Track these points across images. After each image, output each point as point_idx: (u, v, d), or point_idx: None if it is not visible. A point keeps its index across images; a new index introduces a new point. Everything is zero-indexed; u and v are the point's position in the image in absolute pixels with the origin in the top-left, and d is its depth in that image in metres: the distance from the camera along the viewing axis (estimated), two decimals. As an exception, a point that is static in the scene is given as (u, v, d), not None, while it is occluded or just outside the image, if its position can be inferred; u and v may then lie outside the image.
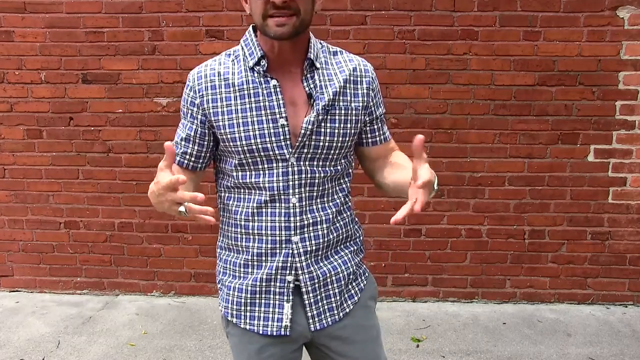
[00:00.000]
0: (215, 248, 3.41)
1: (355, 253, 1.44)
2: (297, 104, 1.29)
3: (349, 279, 1.41)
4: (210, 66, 1.31)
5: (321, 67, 1.31)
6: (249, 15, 1.25)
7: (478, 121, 3.23)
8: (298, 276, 1.34)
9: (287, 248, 1.32)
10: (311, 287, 1.35)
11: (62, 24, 3.24)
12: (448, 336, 3.00)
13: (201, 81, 1.30)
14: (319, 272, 1.35)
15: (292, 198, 1.30)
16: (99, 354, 2.80)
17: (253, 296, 1.35)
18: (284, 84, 1.29)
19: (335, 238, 1.37)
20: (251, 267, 1.35)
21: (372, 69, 1.39)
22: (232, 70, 1.30)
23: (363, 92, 1.35)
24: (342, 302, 1.39)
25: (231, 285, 1.38)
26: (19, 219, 3.50)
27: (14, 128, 3.38)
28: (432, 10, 3.12)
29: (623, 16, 3.08)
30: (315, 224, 1.33)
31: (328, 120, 1.30)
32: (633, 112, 3.18)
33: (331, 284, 1.37)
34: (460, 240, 3.36)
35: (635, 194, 3.26)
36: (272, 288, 1.34)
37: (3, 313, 3.29)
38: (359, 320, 1.42)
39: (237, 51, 1.33)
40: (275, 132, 1.27)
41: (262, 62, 1.27)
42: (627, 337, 2.99)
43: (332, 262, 1.38)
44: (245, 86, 1.28)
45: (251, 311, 1.36)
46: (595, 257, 3.35)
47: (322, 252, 1.35)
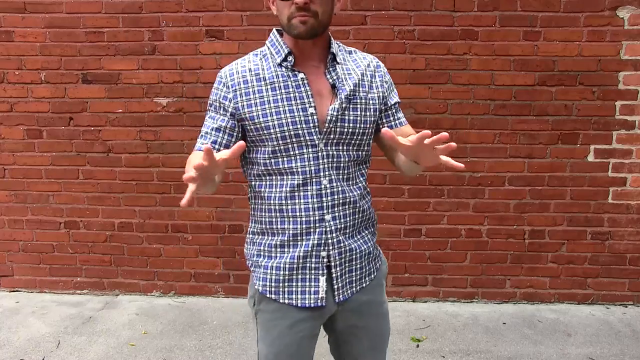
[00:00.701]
0: (214, 248, 3.40)
1: (372, 234, 1.59)
2: (323, 95, 1.43)
3: (369, 257, 1.55)
4: (241, 64, 1.46)
5: (342, 62, 1.47)
6: (277, 16, 1.41)
7: (478, 121, 3.23)
8: (329, 252, 1.46)
9: (321, 226, 1.44)
10: (339, 262, 1.47)
11: (62, 24, 3.24)
12: (448, 336, 3.00)
13: (233, 77, 1.44)
14: (347, 248, 1.48)
15: (324, 180, 1.43)
16: (99, 354, 2.80)
17: (291, 272, 1.46)
18: (309, 77, 1.43)
19: (359, 219, 1.51)
20: (287, 247, 1.46)
21: (382, 65, 1.57)
22: (262, 67, 1.44)
23: (377, 85, 1.50)
24: (362, 277, 1.53)
25: (268, 265, 1.48)
26: (19, 219, 3.50)
27: (14, 128, 3.39)
28: (432, 10, 3.12)
29: (623, 16, 3.08)
30: (344, 203, 1.46)
31: (350, 109, 1.44)
32: (633, 112, 3.18)
33: (355, 260, 1.51)
34: (460, 240, 3.36)
35: (635, 194, 3.26)
36: (308, 264, 1.46)
37: (3, 313, 3.29)
38: (374, 296, 1.56)
39: (263, 51, 1.49)
40: (305, 120, 1.40)
41: (289, 58, 1.42)
42: (627, 337, 2.99)
43: (357, 241, 1.52)
44: (275, 80, 1.42)
45: (289, 287, 1.47)
46: (595, 257, 3.35)
47: (349, 230, 1.49)
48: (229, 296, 3.50)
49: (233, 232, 3.42)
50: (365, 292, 1.54)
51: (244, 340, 2.96)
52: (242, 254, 3.44)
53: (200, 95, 3.26)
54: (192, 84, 3.25)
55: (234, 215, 3.39)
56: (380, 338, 1.60)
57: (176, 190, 3.39)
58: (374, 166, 3.33)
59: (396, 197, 3.32)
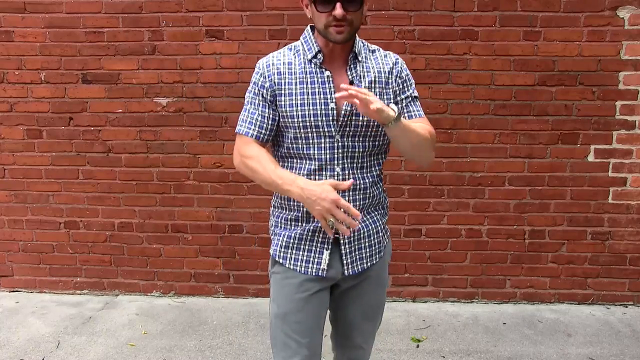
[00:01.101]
0: (214, 248, 3.41)
1: (382, 215, 1.74)
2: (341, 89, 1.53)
3: (378, 236, 1.70)
4: (277, 57, 1.63)
5: (362, 60, 1.62)
6: (310, 18, 1.57)
7: (478, 121, 3.23)
8: (338, 231, 1.57)
9: None
10: (348, 240, 1.64)
11: (62, 24, 3.24)
12: (448, 336, 3.00)
13: (270, 68, 1.60)
14: (355, 229, 1.61)
15: (337, 167, 1.59)
16: (99, 354, 2.80)
17: (299, 242, 1.64)
18: (333, 72, 1.59)
19: (369, 203, 1.66)
20: (300, 221, 1.64)
21: (402, 61, 1.71)
22: (294, 61, 1.61)
23: (392, 80, 1.65)
24: (372, 254, 1.69)
25: (282, 233, 1.68)
26: (19, 219, 3.50)
27: (14, 128, 3.38)
28: (432, 10, 3.12)
29: (623, 16, 3.08)
30: (355, 190, 1.60)
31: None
32: (633, 112, 3.18)
33: (364, 239, 1.67)
34: (460, 240, 3.36)
35: (635, 194, 3.26)
36: (315, 238, 1.63)
37: (3, 313, 3.29)
38: (379, 271, 1.74)
39: (297, 46, 1.64)
40: (325, 113, 1.56)
41: (318, 56, 1.59)
42: (627, 337, 2.99)
43: (366, 222, 1.67)
44: (304, 74, 1.58)
45: (296, 254, 1.65)
46: (595, 257, 3.35)
47: (360, 212, 1.61)
48: (229, 296, 3.50)
49: (233, 232, 3.42)
50: (372, 268, 1.70)
51: (244, 340, 2.96)
52: (242, 254, 3.44)
53: (200, 95, 3.26)
54: (192, 84, 3.25)
55: (234, 215, 3.39)
56: (375, 309, 1.77)
57: (176, 190, 3.39)
58: (374, 166, 3.32)
59: (396, 197, 3.32)
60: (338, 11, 1.46)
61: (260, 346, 2.89)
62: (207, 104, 3.27)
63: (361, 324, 1.75)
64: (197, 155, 3.34)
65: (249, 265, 3.45)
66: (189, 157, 3.35)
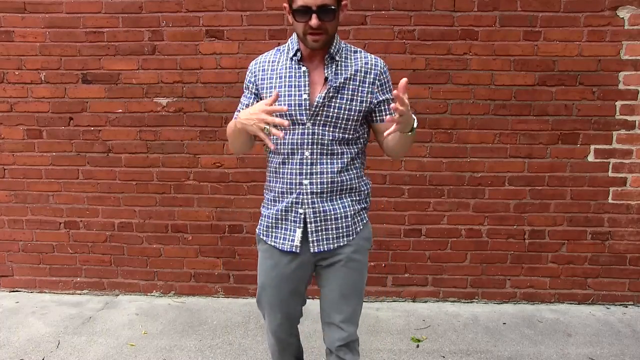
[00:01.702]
0: (214, 248, 3.41)
1: (357, 202, 1.87)
2: (318, 84, 1.78)
3: (346, 220, 1.84)
4: (265, 57, 1.87)
5: (340, 60, 1.79)
6: (292, 24, 1.74)
7: (478, 121, 3.23)
8: (305, 209, 1.80)
9: (299, 189, 1.81)
10: (313, 219, 1.81)
11: (62, 24, 3.24)
12: (448, 336, 3.00)
13: (256, 66, 1.86)
14: (320, 209, 1.80)
15: (306, 152, 1.78)
16: (99, 354, 2.80)
17: (276, 221, 1.86)
18: (311, 70, 1.79)
19: (339, 187, 1.82)
20: (277, 201, 1.86)
21: (382, 64, 1.84)
22: (278, 60, 1.83)
23: (370, 81, 1.80)
24: (339, 236, 1.84)
25: (264, 213, 1.91)
26: (19, 219, 3.50)
27: (14, 128, 3.39)
28: (432, 10, 3.12)
29: (623, 16, 3.08)
30: (322, 173, 1.79)
31: (338, 98, 1.77)
32: (633, 112, 3.18)
33: (330, 220, 1.82)
34: (460, 240, 3.36)
35: (635, 194, 3.26)
36: (289, 217, 1.84)
37: (3, 313, 3.29)
38: (350, 254, 1.85)
39: (285, 46, 1.85)
40: (299, 103, 1.75)
41: (297, 54, 1.78)
42: (627, 337, 2.99)
43: (334, 205, 1.82)
44: (284, 71, 1.79)
45: (275, 232, 1.87)
46: (595, 257, 3.35)
47: (326, 195, 1.81)
48: (229, 296, 3.50)
49: (233, 232, 3.42)
50: (342, 250, 1.85)
51: (244, 340, 2.96)
52: (242, 254, 3.44)
53: (200, 95, 3.26)
54: (192, 84, 3.25)
55: (234, 215, 3.39)
56: (351, 288, 1.88)
57: (176, 190, 3.39)
58: (374, 166, 3.35)
59: (396, 197, 3.32)
60: (314, 21, 1.64)
61: (260, 346, 2.89)
62: (207, 104, 3.27)
63: (339, 303, 1.87)
64: (197, 155, 3.34)
65: (249, 265, 3.45)
66: (189, 157, 3.35)
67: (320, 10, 1.63)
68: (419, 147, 3.26)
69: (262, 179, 3.32)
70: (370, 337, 2.98)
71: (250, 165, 3.33)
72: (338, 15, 1.71)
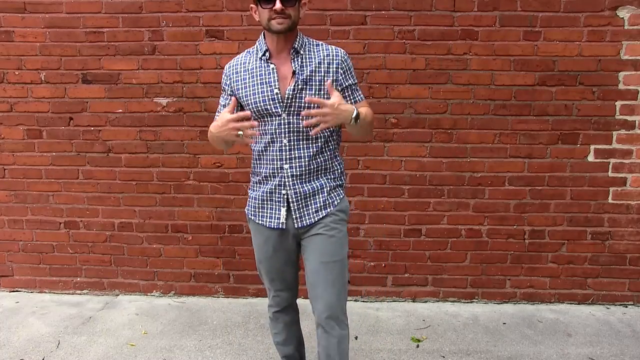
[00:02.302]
0: (214, 248, 3.41)
1: (332, 180, 2.08)
2: (287, 78, 1.96)
3: (323, 196, 2.04)
4: (237, 59, 2.07)
5: (304, 53, 1.98)
6: (259, 21, 1.93)
7: (478, 121, 3.23)
8: (288, 191, 2.01)
9: (281, 173, 2.01)
10: (295, 199, 2.02)
11: (62, 24, 3.24)
12: (448, 336, 3.00)
13: (230, 69, 2.06)
14: (301, 190, 2.01)
15: (284, 139, 1.98)
16: (99, 354, 2.80)
17: (262, 202, 2.07)
18: (279, 65, 1.98)
19: (315, 169, 2.02)
20: (262, 184, 2.07)
21: (342, 53, 2.02)
22: (249, 60, 2.02)
23: (333, 70, 1.99)
24: (317, 210, 2.04)
25: (252, 195, 2.12)
26: (19, 219, 3.50)
27: (14, 128, 3.39)
28: (432, 10, 3.12)
29: (623, 16, 3.08)
30: (299, 157, 1.99)
31: (307, 88, 1.95)
32: (633, 112, 3.18)
33: (310, 198, 2.03)
34: (460, 240, 3.36)
35: (635, 194, 3.26)
36: (273, 198, 2.04)
37: (3, 313, 3.29)
38: (328, 222, 2.04)
39: (254, 48, 2.05)
40: (272, 98, 1.95)
41: (266, 54, 1.98)
42: (627, 337, 2.99)
43: (312, 185, 2.03)
44: (255, 69, 1.99)
45: (261, 212, 2.08)
46: (595, 257, 3.35)
47: (305, 177, 2.01)
48: (229, 296, 3.50)
49: (233, 232, 3.42)
50: (322, 220, 2.04)
51: (244, 340, 2.96)
52: (242, 254, 3.44)
53: (200, 95, 3.26)
54: (192, 84, 3.25)
55: (234, 215, 3.39)
56: (330, 255, 2.02)
57: (176, 190, 3.39)
58: (374, 166, 3.35)
59: (396, 197, 3.32)
60: (277, 5, 1.84)
61: (260, 346, 2.89)
62: (207, 104, 3.27)
63: (320, 270, 2.01)
64: (197, 155, 3.34)
65: (249, 265, 3.45)
66: (189, 157, 3.35)
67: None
68: (419, 147, 3.26)
69: (262, 179, 3.33)
70: (370, 337, 2.98)
71: (250, 165, 3.32)
72: (299, 5, 1.93)
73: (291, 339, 2.32)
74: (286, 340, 2.31)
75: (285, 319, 2.27)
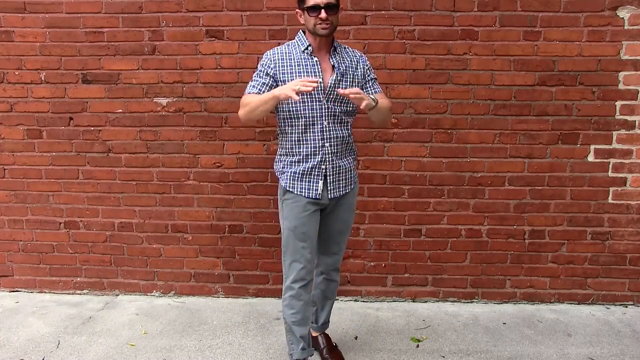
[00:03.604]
0: (214, 248, 3.40)
1: (353, 159, 2.51)
2: (327, 71, 2.35)
3: (350, 173, 2.48)
4: (279, 49, 2.38)
5: (339, 52, 2.40)
6: (303, 24, 2.33)
7: (478, 121, 3.23)
8: (327, 166, 2.37)
9: (323, 151, 2.36)
10: (332, 173, 2.39)
11: (62, 24, 3.24)
12: (448, 336, 3.00)
13: (275, 56, 2.35)
14: (337, 165, 2.40)
15: (324, 122, 2.34)
16: (99, 354, 2.80)
17: (302, 176, 2.38)
18: (320, 60, 2.35)
19: (346, 148, 2.43)
20: (302, 162, 2.38)
21: (364, 56, 2.49)
22: (291, 52, 2.36)
23: (361, 68, 2.44)
24: (347, 185, 2.46)
25: (290, 170, 2.40)
26: (19, 219, 3.50)
27: (14, 128, 3.39)
28: (432, 10, 3.12)
29: (623, 16, 3.08)
30: (337, 137, 2.37)
31: (343, 80, 2.36)
32: (633, 112, 3.18)
33: (342, 173, 2.43)
34: (460, 240, 3.36)
35: (635, 194, 3.26)
36: (314, 172, 2.37)
37: (3, 313, 3.29)
38: (349, 199, 2.52)
39: (293, 43, 2.39)
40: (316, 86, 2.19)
41: (309, 48, 2.34)
42: (627, 337, 2.99)
43: (343, 161, 2.43)
44: (300, 60, 2.33)
45: (301, 185, 2.38)
46: (595, 257, 3.35)
47: (339, 154, 2.40)
48: (229, 296, 3.50)
49: (233, 232, 3.42)
50: (345, 197, 2.48)
51: (244, 340, 2.96)
52: (242, 254, 3.44)
53: (200, 95, 3.27)
54: (192, 84, 3.25)
55: (234, 215, 3.39)
56: (346, 226, 2.56)
57: (176, 190, 3.39)
58: (374, 166, 3.35)
59: (396, 197, 3.32)
60: (323, 15, 2.21)
61: (260, 346, 2.89)
62: (207, 104, 3.27)
63: (336, 236, 2.55)
64: (197, 155, 3.34)
65: (249, 265, 3.45)
66: (189, 157, 3.35)
67: (327, 7, 2.22)
68: (419, 147, 3.26)
69: (263, 179, 3.32)
70: (370, 337, 2.98)
71: (250, 165, 3.33)
72: (339, 11, 2.30)
73: (307, 319, 2.52)
74: (303, 319, 2.49)
75: (306, 297, 2.48)
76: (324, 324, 2.78)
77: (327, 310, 2.75)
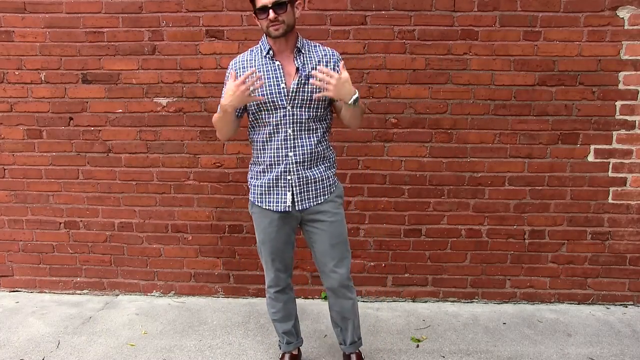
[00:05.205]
0: (214, 248, 3.41)
1: (328, 168, 2.33)
2: (291, 74, 2.20)
3: (322, 183, 2.29)
4: (242, 56, 2.29)
5: (305, 53, 2.23)
6: (262, 28, 2.15)
7: (478, 121, 3.23)
8: (292, 176, 2.23)
9: (286, 160, 2.23)
10: (297, 184, 2.25)
11: (62, 24, 3.24)
12: (448, 336, 3.00)
13: (237, 65, 2.26)
14: (303, 175, 2.24)
15: (288, 130, 2.20)
16: (99, 354, 2.80)
17: (268, 188, 2.27)
18: (283, 63, 2.21)
19: (315, 157, 2.26)
20: (267, 172, 2.27)
21: (337, 54, 2.30)
22: (253, 58, 2.25)
23: (330, 68, 2.22)
24: (317, 196, 2.29)
25: (256, 183, 2.31)
26: (19, 219, 3.50)
27: (14, 128, 3.39)
28: (432, 10, 3.12)
29: (623, 16, 3.08)
30: (302, 146, 2.22)
31: (308, 84, 2.18)
32: (633, 112, 3.18)
33: (310, 184, 2.26)
34: (460, 240, 3.36)
35: (635, 194, 3.26)
36: (279, 183, 2.25)
37: (3, 313, 3.29)
38: (328, 208, 2.31)
39: (256, 48, 2.28)
40: (278, 91, 2.18)
41: (270, 52, 2.21)
42: (627, 337, 2.99)
43: (312, 171, 2.26)
44: (262, 66, 2.21)
45: (268, 197, 2.28)
46: (595, 257, 3.35)
47: (306, 164, 2.24)
48: (229, 296, 3.50)
49: (233, 232, 3.42)
50: (322, 206, 2.29)
51: (244, 340, 2.96)
52: (242, 254, 3.44)
53: (200, 95, 3.26)
54: (192, 84, 3.25)
55: (234, 215, 3.39)
56: (337, 237, 2.32)
57: (176, 190, 3.39)
58: (374, 166, 3.35)
59: (396, 197, 3.32)
60: (271, 15, 2.08)
61: (260, 346, 2.89)
62: (207, 104, 3.27)
63: (329, 251, 2.32)
64: (197, 155, 3.34)
65: (249, 265, 3.45)
66: (189, 157, 3.35)
67: (274, 6, 2.07)
68: (419, 147, 3.26)
69: (262, 179, 3.32)
70: (370, 337, 2.98)
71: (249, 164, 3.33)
72: (293, 9, 2.16)
73: (289, 316, 2.54)
74: (284, 317, 2.53)
75: (284, 298, 2.49)
76: (353, 343, 2.53)
77: (351, 330, 2.50)
